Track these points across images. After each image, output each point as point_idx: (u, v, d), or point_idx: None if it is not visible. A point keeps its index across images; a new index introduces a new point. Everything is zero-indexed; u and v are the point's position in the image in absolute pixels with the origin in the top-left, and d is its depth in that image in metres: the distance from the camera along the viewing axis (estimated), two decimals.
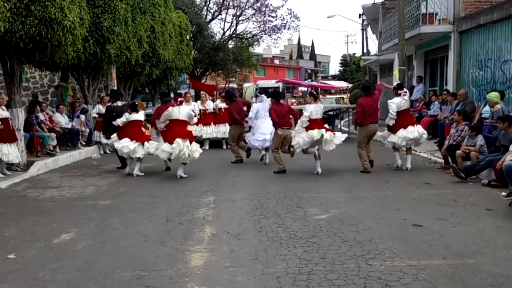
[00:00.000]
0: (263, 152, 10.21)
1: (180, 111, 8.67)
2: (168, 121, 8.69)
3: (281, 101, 9.57)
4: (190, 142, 8.55)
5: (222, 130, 12.79)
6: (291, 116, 9.25)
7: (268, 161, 10.01)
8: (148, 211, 6.25)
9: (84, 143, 12.59)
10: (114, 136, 9.22)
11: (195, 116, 9.63)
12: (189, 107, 13.03)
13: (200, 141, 12.54)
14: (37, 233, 5.36)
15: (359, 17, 30.95)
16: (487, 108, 9.39)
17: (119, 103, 9.90)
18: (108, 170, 9.87)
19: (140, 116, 9.21)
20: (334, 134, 8.75)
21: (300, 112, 9.37)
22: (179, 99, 9.09)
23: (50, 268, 4.27)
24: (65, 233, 5.35)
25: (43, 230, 5.48)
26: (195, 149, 8.60)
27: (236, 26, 29.09)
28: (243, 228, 5.35)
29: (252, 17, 28.70)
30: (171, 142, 8.42)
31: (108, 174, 9.39)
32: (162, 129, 8.84)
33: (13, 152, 8.82)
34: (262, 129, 9.99)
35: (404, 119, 8.88)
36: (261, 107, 10.30)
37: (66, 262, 4.40)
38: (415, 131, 8.82)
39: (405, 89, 9.36)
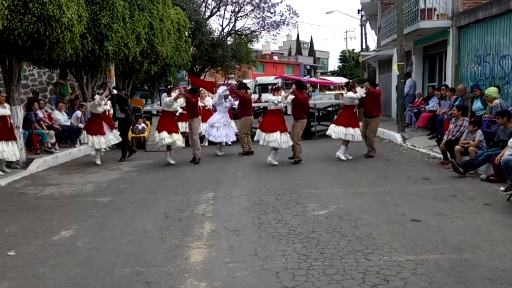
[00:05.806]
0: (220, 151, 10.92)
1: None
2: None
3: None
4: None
5: None
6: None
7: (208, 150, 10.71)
8: (147, 208, 6.27)
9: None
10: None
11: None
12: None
13: (200, 138, 12.55)
14: (37, 230, 5.38)
15: (358, 12, 30.95)
16: (478, 104, 9.46)
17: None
18: (107, 167, 9.87)
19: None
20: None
21: None
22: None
23: (50, 264, 4.29)
24: (65, 230, 5.37)
25: (42, 227, 5.50)
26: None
27: (235, 22, 29.01)
28: (242, 224, 5.37)
29: (250, 14, 28.61)
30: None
31: (107, 171, 9.40)
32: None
33: (9, 150, 8.81)
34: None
35: (347, 115, 9.62)
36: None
37: (66, 259, 4.42)
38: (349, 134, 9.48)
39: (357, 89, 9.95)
